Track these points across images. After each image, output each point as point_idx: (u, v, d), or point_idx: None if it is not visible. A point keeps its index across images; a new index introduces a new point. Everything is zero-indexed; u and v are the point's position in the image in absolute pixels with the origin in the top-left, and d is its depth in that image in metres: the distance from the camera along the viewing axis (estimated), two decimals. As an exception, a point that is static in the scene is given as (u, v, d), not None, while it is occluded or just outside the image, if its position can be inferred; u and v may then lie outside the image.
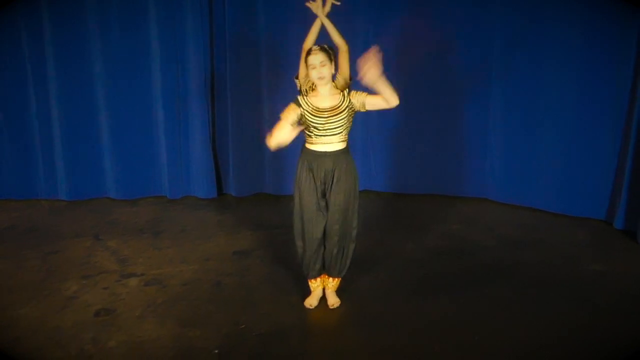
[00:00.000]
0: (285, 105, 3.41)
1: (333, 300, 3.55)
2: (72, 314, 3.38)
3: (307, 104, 3.33)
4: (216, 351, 3.00)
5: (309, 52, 3.32)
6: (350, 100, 3.31)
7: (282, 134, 3.15)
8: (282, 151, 5.05)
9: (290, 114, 3.28)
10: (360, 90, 3.32)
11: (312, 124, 3.30)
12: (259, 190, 5.82)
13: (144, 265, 4.11)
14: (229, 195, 5.79)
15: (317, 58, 3.26)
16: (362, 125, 5.37)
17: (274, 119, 5.43)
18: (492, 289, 3.77)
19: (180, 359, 2.93)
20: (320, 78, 3.27)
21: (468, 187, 5.66)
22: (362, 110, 3.33)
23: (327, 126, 3.29)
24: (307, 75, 3.41)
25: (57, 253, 4.32)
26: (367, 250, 4.20)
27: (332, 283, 3.56)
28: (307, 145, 3.39)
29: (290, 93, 3.55)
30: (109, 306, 3.49)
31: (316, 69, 3.26)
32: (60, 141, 5.56)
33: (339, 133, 3.32)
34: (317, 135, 3.33)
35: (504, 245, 4.53)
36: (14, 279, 3.86)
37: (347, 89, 3.40)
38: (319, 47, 3.30)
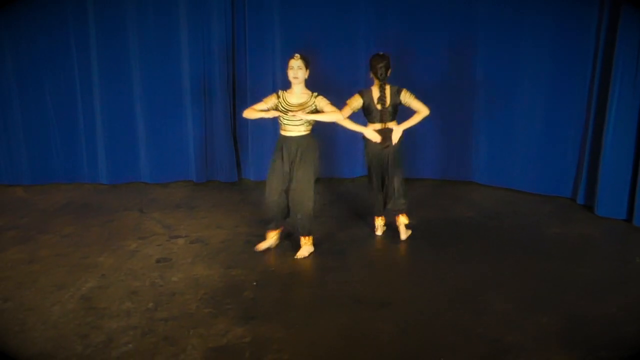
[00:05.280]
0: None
1: (299, 253, 4.43)
2: (138, 261, 4.30)
3: (282, 98, 4.37)
4: (255, 283, 3.92)
5: (291, 57, 4.33)
6: (315, 102, 4.32)
7: (252, 113, 4.33)
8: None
9: (270, 100, 4.37)
10: (324, 98, 4.34)
11: (282, 114, 4.32)
12: (275, 174, 6.70)
13: (187, 230, 5.01)
14: (247, 179, 6.67)
15: (297, 63, 4.28)
16: (364, 121, 6.27)
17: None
18: (468, 244, 4.72)
19: (228, 288, 3.85)
20: (295, 77, 4.30)
21: (457, 172, 6.54)
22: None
23: (291, 117, 4.30)
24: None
25: (113, 221, 5.22)
26: (373, 219, 5.12)
27: (303, 240, 4.46)
28: (280, 131, 4.43)
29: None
30: (165, 256, 4.41)
31: (293, 69, 4.29)
32: (102, 132, 6.39)
33: (302, 124, 4.30)
34: (284, 123, 4.35)
35: (483, 216, 5.45)
36: (85, 239, 4.78)
37: (316, 93, 4.36)
38: (299, 55, 4.32)
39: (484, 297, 3.76)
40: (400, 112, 4.64)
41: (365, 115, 4.63)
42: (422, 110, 4.52)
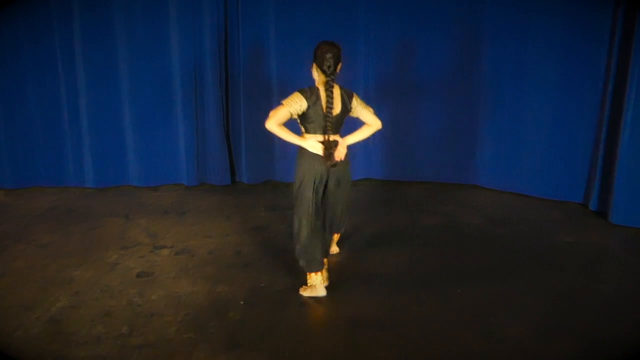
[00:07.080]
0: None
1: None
2: (117, 275, 3.97)
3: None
4: (242, 302, 3.58)
5: None
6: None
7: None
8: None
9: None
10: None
11: None
12: (269, 177, 6.38)
13: (173, 239, 4.68)
14: (241, 182, 6.35)
15: None
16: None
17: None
18: (475, 255, 4.38)
19: (213, 308, 3.51)
20: None
21: (460, 175, 6.23)
22: None
23: None
24: None
25: (96, 229, 4.90)
26: (371, 227, 4.80)
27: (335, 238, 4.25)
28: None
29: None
30: (147, 270, 4.07)
31: None
32: (88, 133, 6.08)
33: None
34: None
35: (489, 222, 5.11)
36: (65, 249, 4.45)
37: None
38: None
39: (496, 319, 3.41)
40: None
41: (302, 122, 3.54)
42: (373, 124, 3.65)
